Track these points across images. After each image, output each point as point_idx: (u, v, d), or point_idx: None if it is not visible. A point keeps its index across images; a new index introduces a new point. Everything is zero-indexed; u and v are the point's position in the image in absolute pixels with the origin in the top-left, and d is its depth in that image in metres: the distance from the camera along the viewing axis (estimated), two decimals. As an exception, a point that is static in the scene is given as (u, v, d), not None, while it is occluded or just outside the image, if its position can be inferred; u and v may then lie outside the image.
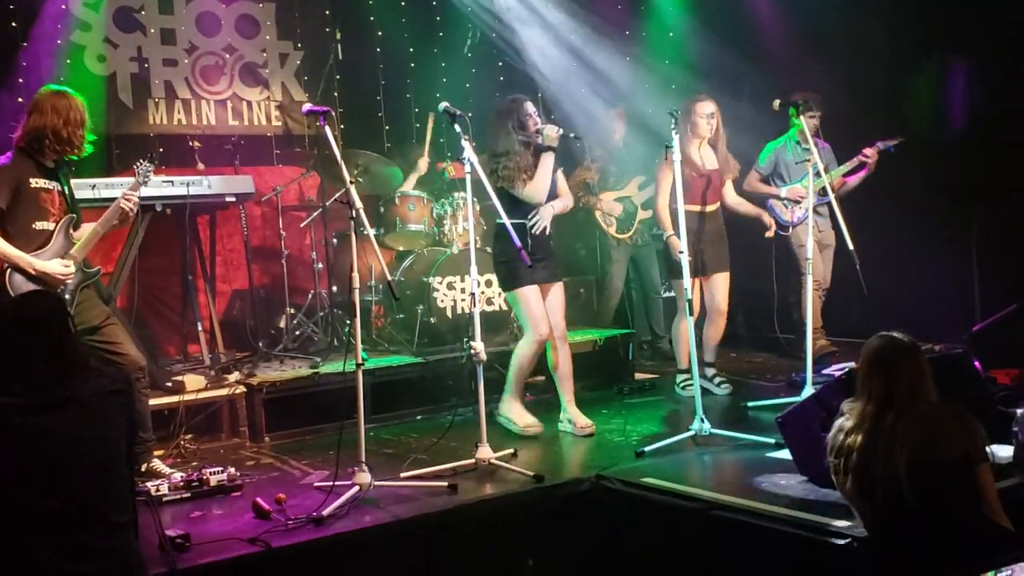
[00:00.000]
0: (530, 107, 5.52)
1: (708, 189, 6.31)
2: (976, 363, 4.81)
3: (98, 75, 7.34)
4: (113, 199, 4.92)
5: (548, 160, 5.44)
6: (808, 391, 5.59)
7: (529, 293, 5.43)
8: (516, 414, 5.58)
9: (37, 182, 4.70)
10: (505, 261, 5.45)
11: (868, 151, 6.88)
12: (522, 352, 5.53)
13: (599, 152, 7.96)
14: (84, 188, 5.52)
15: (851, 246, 5.88)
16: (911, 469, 3.18)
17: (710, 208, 6.37)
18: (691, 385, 6.18)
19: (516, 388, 5.61)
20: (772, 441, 4.91)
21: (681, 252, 5.58)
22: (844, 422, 3.38)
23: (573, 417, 5.59)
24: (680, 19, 8.81)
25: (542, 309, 5.48)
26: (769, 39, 8.10)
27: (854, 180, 7.01)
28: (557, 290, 5.61)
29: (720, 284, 6.39)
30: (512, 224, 5.25)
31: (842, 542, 3.56)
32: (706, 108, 6.22)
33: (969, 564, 3.11)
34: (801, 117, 6.32)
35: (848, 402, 3.46)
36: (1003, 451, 3.96)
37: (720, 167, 6.37)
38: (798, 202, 6.91)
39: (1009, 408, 4.39)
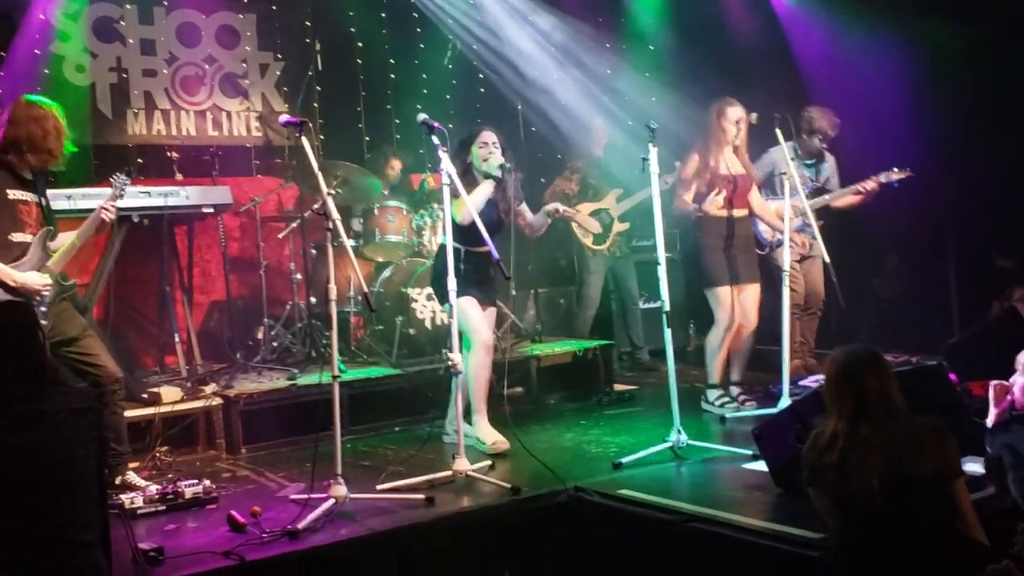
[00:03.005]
0: (486, 135, 5.47)
1: (736, 193, 6.11)
2: (951, 375, 4.85)
3: (78, 85, 7.33)
4: (89, 210, 4.89)
5: (483, 186, 5.39)
6: (785, 403, 5.62)
7: (466, 304, 5.39)
8: (484, 433, 5.48)
9: (15, 194, 4.67)
10: (438, 277, 5.40)
11: (868, 184, 6.55)
12: (473, 365, 5.42)
13: (580, 163, 7.99)
14: (59, 199, 5.48)
15: (827, 259, 5.92)
16: (884, 481, 3.19)
17: (738, 213, 6.18)
18: (729, 403, 6.17)
19: (480, 405, 5.50)
20: (749, 453, 4.92)
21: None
22: (817, 440, 3.39)
23: (483, 434, 5.49)
24: (659, 33, 8.86)
25: (483, 318, 5.50)
26: (748, 53, 8.18)
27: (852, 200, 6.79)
28: (489, 313, 5.65)
29: (751, 296, 6.23)
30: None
31: (816, 554, 3.57)
32: (734, 115, 6.07)
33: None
34: (779, 132, 6.17)
35: (821, 419, 3.46)
36: (975, 464, 3.98)
37: (746, 171, 6.20)
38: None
39: (983, 420, 4.41)
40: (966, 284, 7.39)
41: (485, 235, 4.95)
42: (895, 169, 6.53)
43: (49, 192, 4.96)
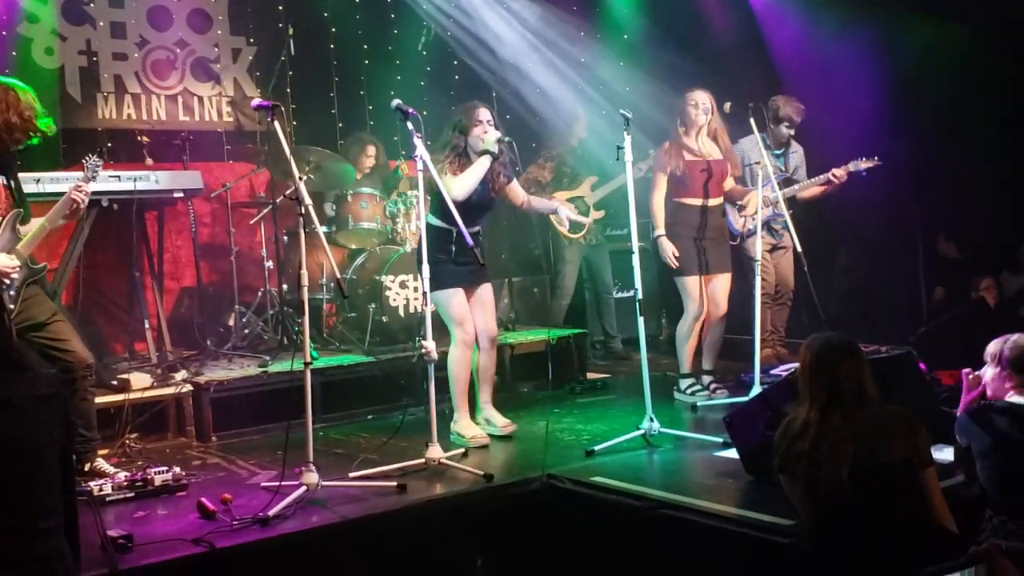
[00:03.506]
0: (482, 113, 5.38)
1: (710, 181, 6.11)
2: (920, 364, 4.89)
3: (47, 68, 7.22)
4: (58, 194, 4.82)
5: (479, 162, 5.30)
6: (756, 391, 5.65)
7: (451, 295, 5.33)
8: (464, 427, 5.43)
9: (-20, 176, 4.60)
10: (427, 262, 5.17)
11: (838, 172, 6.51)
12: (453, 360, 5.38)
13: (555, 151, 7.98)
14: (28, 182, 5.38)
15: (799, 248, 5.94)
16: (854, 469, 3.21)
17: (713, 202, 6.17)
18: (700, 391, 6.20)
19: (461, 401, 5.45)
20: (720, 440, 4.95)
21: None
22: (789, 428, 3.40)
23: (492, 417, 5.51)
24: (634, 22, 8.87)
25: (465, 310, 5.38)
26: (723, 43, 8.19)
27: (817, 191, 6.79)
28: (485, 290, 5.49)
29: (721, 285, 6.22)
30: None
31: (787, 541, 3.60)
32: (694, 98, 6.12)
33: (911, 568, 3.14)
34: (753, 122, 6.21)
35: (792, 406, 3.48)
36: (944, 452, 4.02)
37: (724, 157, 6.20)
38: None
39: (951, 409, 4.46)
40: (934, 274, 7.46)
41: (458, 219, 4.91)
42: (863, 158, 6.54)
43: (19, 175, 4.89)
